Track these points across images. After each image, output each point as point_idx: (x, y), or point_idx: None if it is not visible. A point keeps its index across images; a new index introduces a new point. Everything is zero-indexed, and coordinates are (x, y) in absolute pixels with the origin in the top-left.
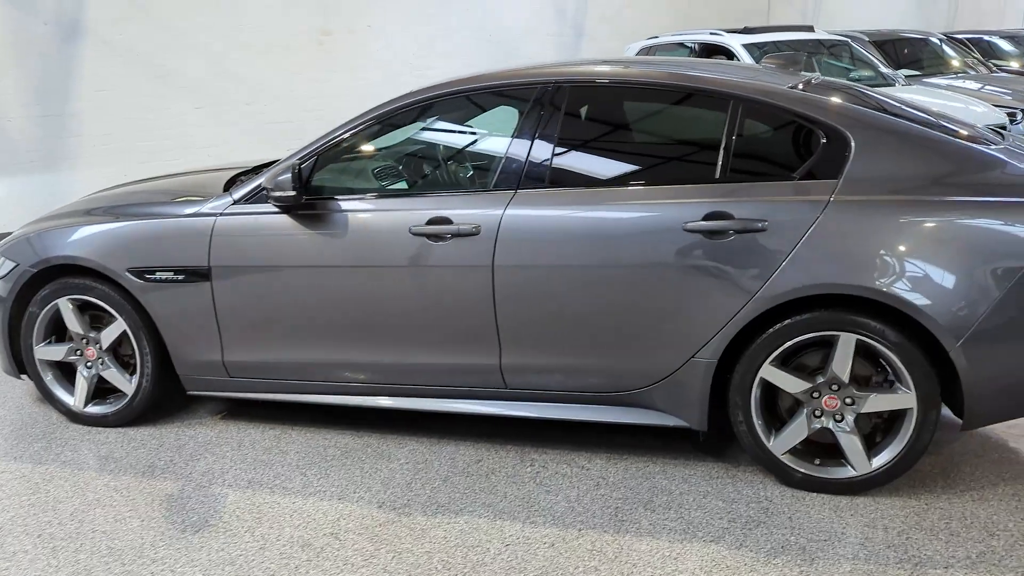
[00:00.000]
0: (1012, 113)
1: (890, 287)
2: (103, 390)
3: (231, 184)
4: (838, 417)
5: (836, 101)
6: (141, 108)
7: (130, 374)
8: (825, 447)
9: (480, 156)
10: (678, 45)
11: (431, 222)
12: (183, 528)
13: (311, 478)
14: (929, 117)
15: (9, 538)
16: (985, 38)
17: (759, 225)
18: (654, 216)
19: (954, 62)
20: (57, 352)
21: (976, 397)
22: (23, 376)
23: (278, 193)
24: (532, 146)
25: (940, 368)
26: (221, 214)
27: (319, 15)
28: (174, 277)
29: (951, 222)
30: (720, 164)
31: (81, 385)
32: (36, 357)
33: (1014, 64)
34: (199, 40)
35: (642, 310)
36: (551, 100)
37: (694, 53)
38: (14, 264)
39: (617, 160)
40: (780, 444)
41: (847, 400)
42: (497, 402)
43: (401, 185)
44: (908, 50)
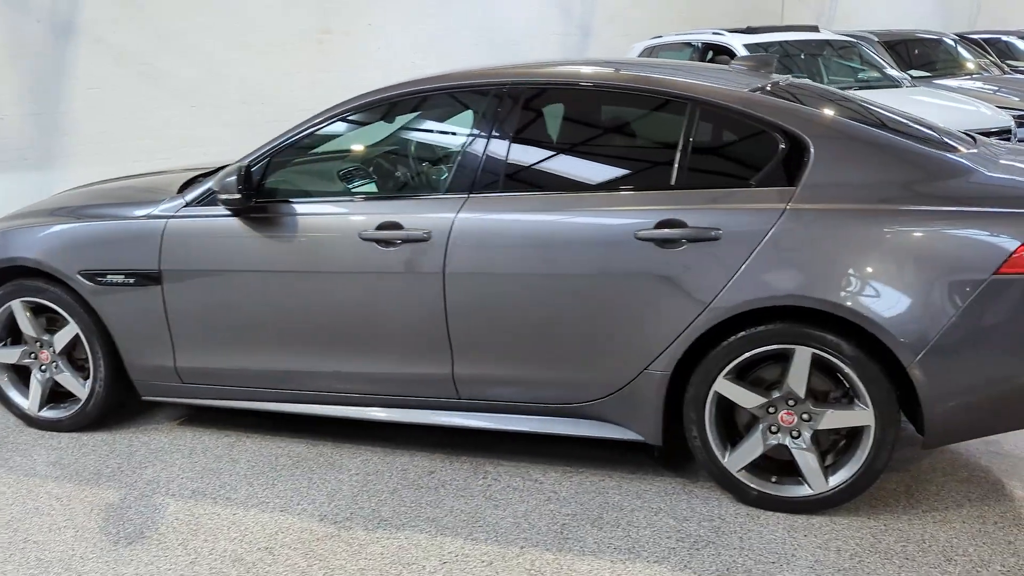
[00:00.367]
0: (1022, 116)
1: (845, 299)
2: (60, 394)
3: (187, 186)
4: (795, 433)
5: (796, 105)
6: (135, 107)
7: (84, 378)
8: (783, 464)
9: (434, 159)
10: (685, 44)
11: (381, 227)
12: (116, 540)
13: (257, 488)
14: (900, 121)
15: None
16: (1003, 38)
17: (712, 234)
18: (606, 224)
19: (968, 63)
20: (11, 355)
21: (936, 415)
22: None
23: (224, 196)
24: (486, 149)
25: (900, 384)
26: (172, 217)
27: (318, 14)
28: (125, 280)
29: (911, 232)
30: (675, 170)
31: (35, 389)
32: None
33: None
34: (195, 39)
35: (594, 321)
36: (506, 102)
37: (698, 52)
38: None
39: (571, 165)
40: (735, 460)
41: (804, 416)
42: (450, 413)
43: (354, 188)
44: (920, 51)
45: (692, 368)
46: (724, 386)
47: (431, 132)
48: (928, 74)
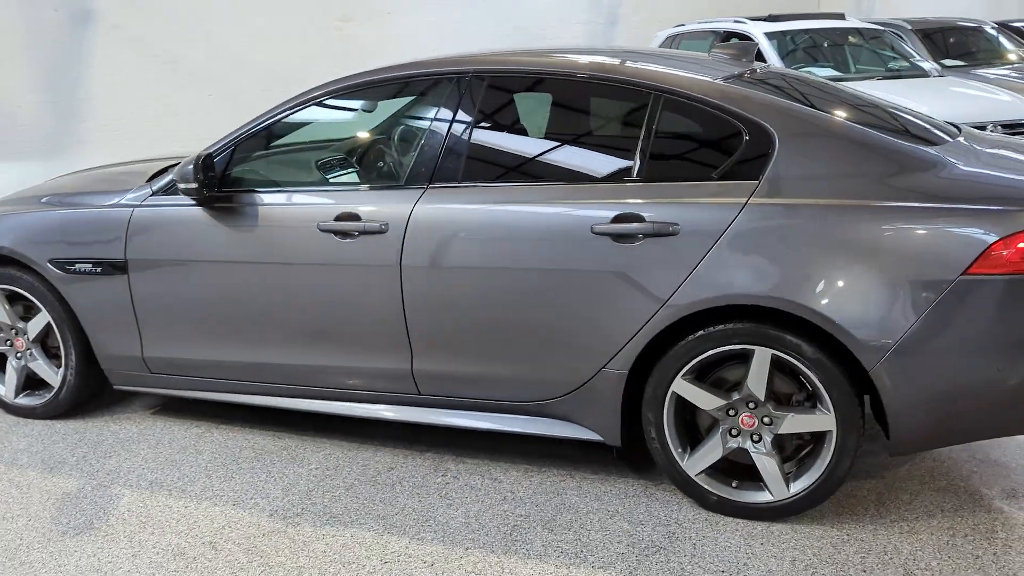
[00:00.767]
0: None
1: (804, 298)
2: (37, 382)
3: (158, 175)
4: (755, 437)
5: (764, 95)
6: (152, 95)
7: (58, 367)
8: (746, 469)
9: (396, 148)
10: (708, 32)
11: (339, 218)
12: (65, 530)
13: (214, 481)
14: (879, 112)
15: None
16: None
17: (670, 229)
18: (562, 217)
19: (1009, 53)
20: None
21: (901, 422)
22: None
23: (183, 185)
24: (446, 139)
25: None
26: (138, 206)
27: (338, 2)
28: (93, 269)
29: (876, 229)
30: (636, 162)
31: (11, 376)
32: None
33: None
34: (212, 26)
35: (550, 317)
36: (467, 91)
37: (719, 41)
38: None
39: (531, 156)
40: (694, 464)
41: (764, 419)
42: (411, 408)
43: (315, 178)
44: (957, 40)
45: (651, 368)
46: (682, 387)
47: (394, 121)
48: (964, 64)
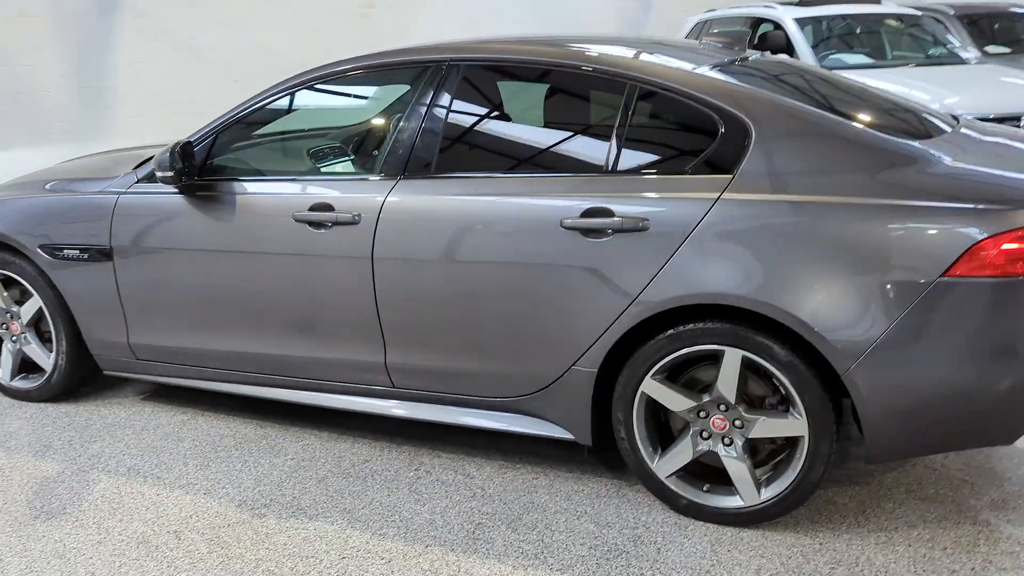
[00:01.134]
0: None
1: (774, 298)
2: (34, 365)
3: (146, 162)
4: (726, 440)
5: (743, 86)
6: (177, 81)
7: (51, 351)
8: (719, 472)
9: (372, 138)
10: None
11: (313, 208)
12: (37, 514)
13: (190, 469)
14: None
15: None
16: None
17: (640, 224)
18: (532, 210)
19: None
20: None
21: (876, 428)
22: None
23: (160, 173)
24: (421, 129)
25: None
26: (123, 193)
27: None
28: (80, 256)
29: (851, 227)
30: (609, 154)
31: (7, 359)
32: None
33: None
34: (237, 14)
35: (521, 312)
36: (443, 80)
37: (748, 25)
38: None
39: (505, 147)
40: (664, 466)
41: (736, 423)
42: (385, 401)
43: (292, 167)
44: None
45: (621, 366)
46: (651, 387)
47: (372, 109)
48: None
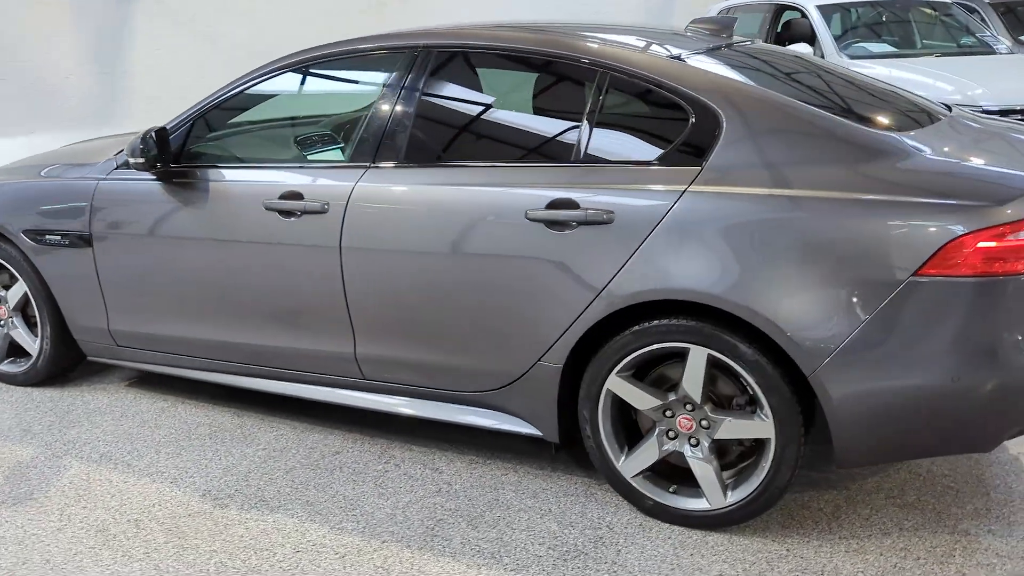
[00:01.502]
0: None
1: (738, 295)
2: (23, 349)
3: None
4: (693, 441)
5: (716, 74)
6: (194, 69)
7: (37, 336)
8: (687, 473)
9: (344, 126)
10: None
11: (284, 196)
12: (4, 499)
13: (161, 457)
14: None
15: None
16: None
17: (605, 217)
18: (498, 201)
19: None
20: None
21: (845, 433)
22: None
23: (131, 159)
24: (391, 117)
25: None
26: (103, 179)
27: None
28: (61, 241)
29: (821, 222)
30: (578, 143)
31: None
32: None
33: None
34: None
35: (487, 305)
36: (414, 67)
37: (770, 13)
38: None
39: (474, 135)
40: (630, 465)
41: (702, 423)
42: (356, 393)
43: (267, 154)
44: None
45: (588, 363)
46: (617, 384)
47: (345, 96)
48: None
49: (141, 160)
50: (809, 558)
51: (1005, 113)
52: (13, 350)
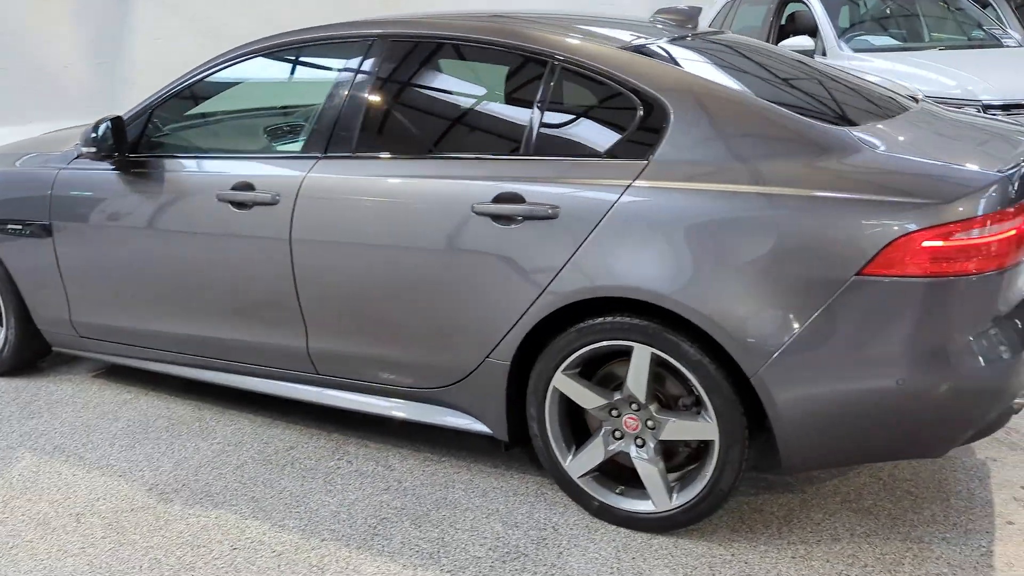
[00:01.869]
0: None
1: (680, 293)
2: None
3: None
4: (639, 442)
5: (666, 66)
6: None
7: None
8: (636, 474)
9: (298, 116)
10: None
11: (236, 187)
12: None
13: (115, 450)
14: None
15: None
16: None
17: (550, 211)
18: (446, 195)
19: None
20: None
21: (789, 436)
22: None
23: (84, 148)
24: (343, 107)
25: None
26: (63, 168)
27: None
28: (23, 231)
29: (764, 218)
30: (527, 136)
31: None
32: None
33: None
34: None
35: (435, 300)
36: (367, 57)
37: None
38: None
39: (424, 126)
40: (577, 465)
41: (648, 423)
42: (310, 388)
43: (222, 145)
44: None
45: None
46: (563, 382)
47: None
48: None
49: (93, 149)
50: (754, 563)
51: (1007, 107)
52: None
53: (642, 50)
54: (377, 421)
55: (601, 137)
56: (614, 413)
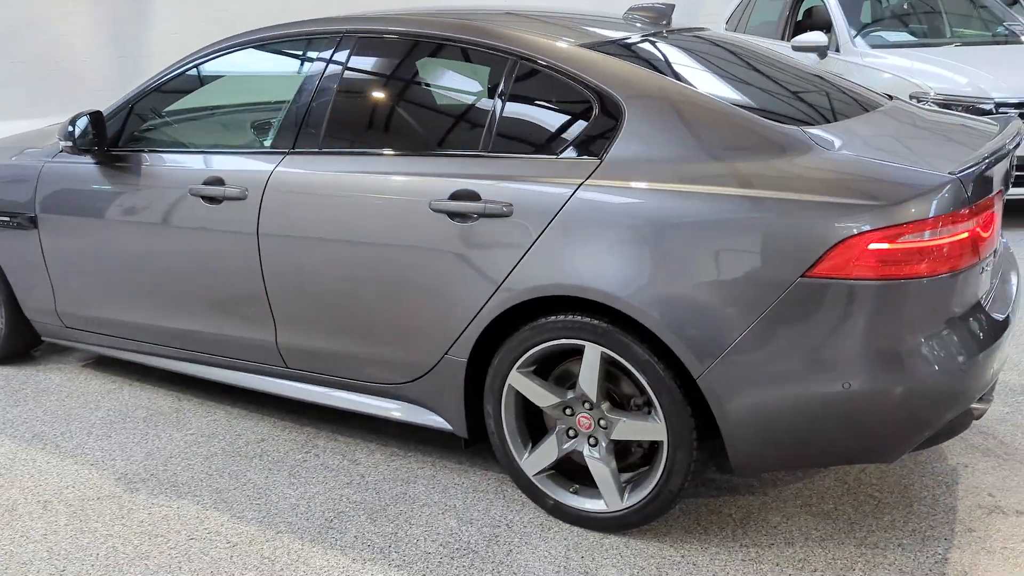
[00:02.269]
0: None
1: (627, 293)
2: None
3: None
4: (592, 441)
5: (623, 63)
6: None
7: None
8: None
9: (269, 112)
10: None
11: (208, 182)
12: None
13: (92, 439)
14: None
15: None
16: None
17: (504, 209)
18: (405, 191)
19: None
20: None
21: (735, 439)
22: None
23: (62, 142)
24: (310, 103)
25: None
26: (48, 161)
27: None
28: (11, 223)
29: (712, 219)
30: (485, 133)
31: None
32: None
33: None
34: None
35: (395, 296)
36: (334, 53)
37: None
38: None
39: (386, 123)
40: (532, 463)
41: (600, 422)
42: (280, 381)
43: (196, 140)
44: None
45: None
46: (518, 379)
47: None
48: None
49: (69, 144)
50: (702, 565)
51: (1021, 105)
52: None
53: (604, 48)
54: (349, 415)
55: (557, 135)
56: (568, 412)
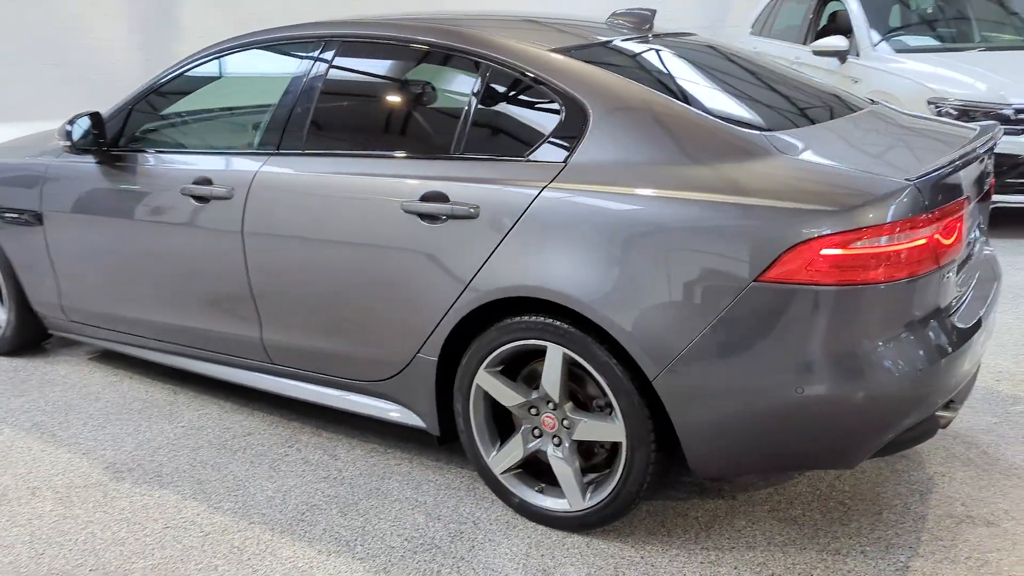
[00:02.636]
0: None
1: (586, 295)
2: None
3: None
4: (556, 440)
5: (591, 68)
6: None
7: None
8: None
9: (257, 114)
10: None
11: (197, 181)
12: None
13: (87, 429)
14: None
15: None
16: None
17: (471, 211)
18: (379, 192)
19: None
20: None
21: (692, 442)
22: None
23: (60, 142)
24: (294, 105)
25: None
26: (54, 159)
27: None
28: (18, 218)
29: (671, 222)
30: (456, 136)
31: None
32: None
33: None
34: None
35: (370, 296)
36: (318, 57)
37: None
38: None
39: (364, 125)
40: (498, 461)
41: (564, 422)
42: (266, 376)
43: (189, 141)
44: None
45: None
46: (485, 379)
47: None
48: None
49: (68, 143)
50: (660, 567)
51: None
52: None
53: (575, 53)
54: (334, 411)
55: (525, 139)
56: (533, 411)
